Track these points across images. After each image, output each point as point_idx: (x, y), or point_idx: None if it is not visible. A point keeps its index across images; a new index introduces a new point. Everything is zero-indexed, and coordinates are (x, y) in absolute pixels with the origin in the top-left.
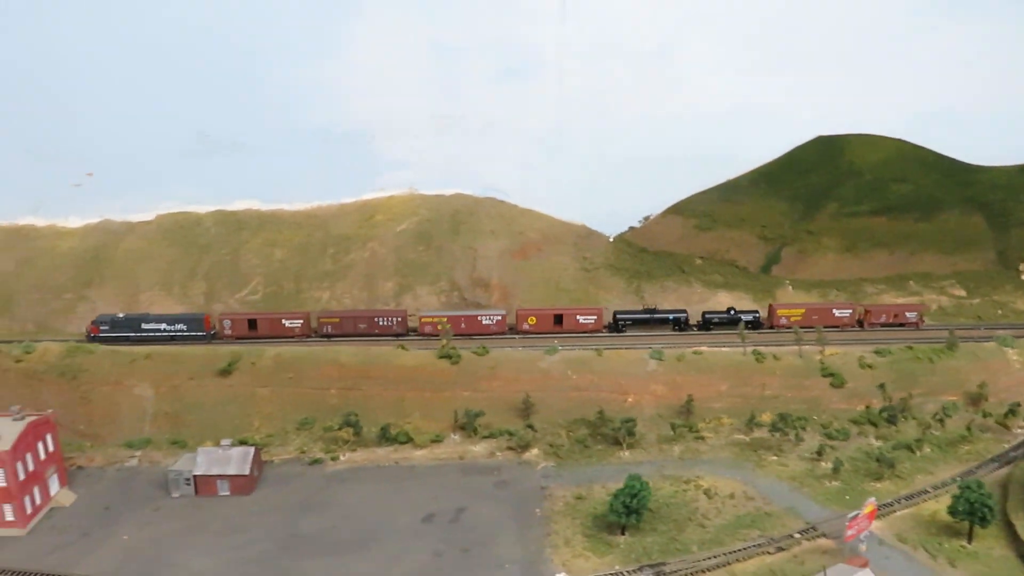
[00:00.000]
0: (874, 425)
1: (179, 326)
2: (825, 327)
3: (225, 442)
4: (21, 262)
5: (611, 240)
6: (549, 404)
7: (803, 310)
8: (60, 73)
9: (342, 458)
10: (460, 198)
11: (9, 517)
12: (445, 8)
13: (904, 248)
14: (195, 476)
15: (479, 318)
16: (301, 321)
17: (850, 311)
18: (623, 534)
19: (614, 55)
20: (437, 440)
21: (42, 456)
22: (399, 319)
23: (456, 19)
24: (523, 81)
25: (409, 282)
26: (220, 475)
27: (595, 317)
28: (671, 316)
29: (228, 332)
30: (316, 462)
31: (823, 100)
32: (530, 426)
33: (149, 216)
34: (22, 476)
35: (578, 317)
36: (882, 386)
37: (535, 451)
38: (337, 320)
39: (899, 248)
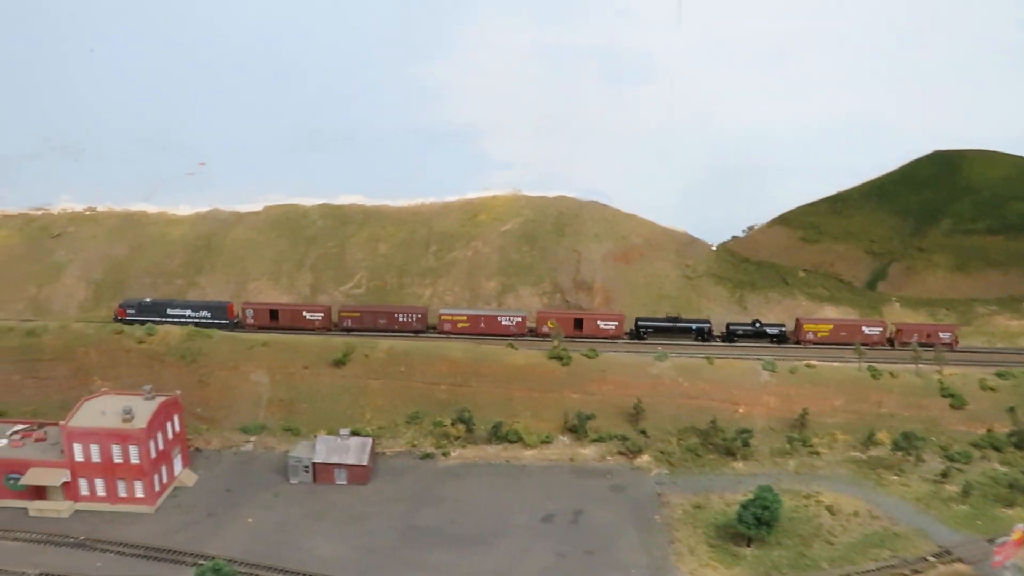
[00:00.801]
0: (997, 449)
1: (203, 313)
2: (854, 344)
3: (344, 431)
4: (134, 248)
5: (714, 248)
6: (659, 410)
7: (831, 326)
8: (176, 65)
9: (453, 454)
10: (563, 200)
11: (139, 494)
12: (557, 11)
13: (1019, 268)
14: (314, 463)
15: (499, 319)
16: (322, 314)
17: (880, 329)
18: (749, 546)
19: (728, 61)
20: (547, 441)
21: (170, 436)
22: (419, 316)
23: (568, 22)
24: (632, 85)
25: (512, 282)
26: (338, 464)
27: (616, 323)
28: (694, 326)
29: (251, 321)
30: (428, 456)
31: (941, 114)
32: (643, 432)
33: (257, 207)
34: (153, 454)
35: (599, 322)
36: (1012, 409)
37: (646, 457)
38: (357, 314)
39: (1014, 268)
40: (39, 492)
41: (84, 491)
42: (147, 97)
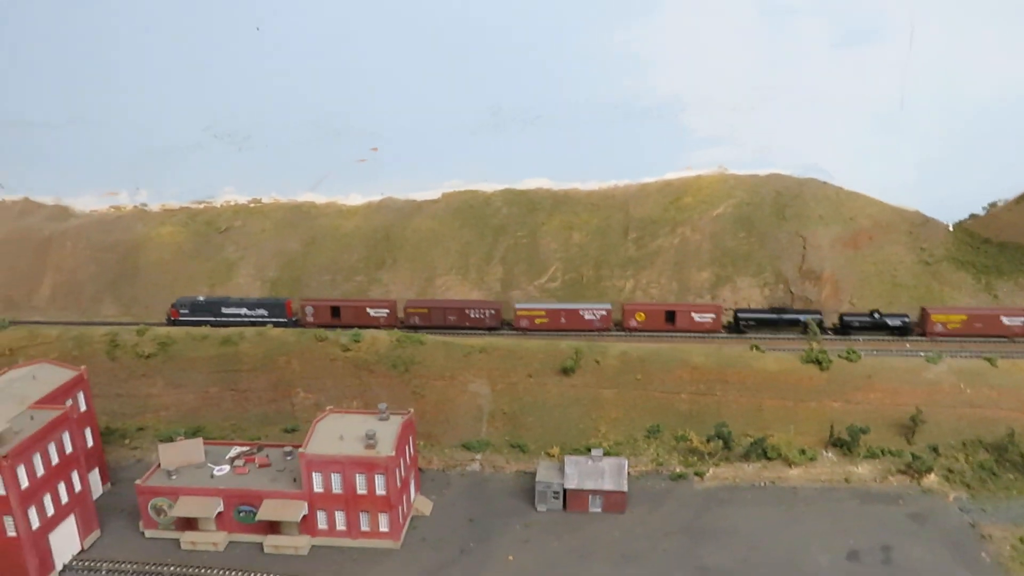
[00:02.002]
0: None
1: (260, 311)
2: (991, 336)
3: (596, 452)
4: (307, 242)
5: (951, 229)
6: (937, 421)
7: (964, 316)
8: (347, 40)
9: (707, 474)
10: (779, 179)
11: (383, 528)
12: None
13: None
14: (565, 489)
15: (581, 313)
16: (387, 310)
17: (1023, 318)
18: None
19: (974, 13)
20: (812, 458)
21: (408, 460)
22: (493, 311)
23: None
24: (863, 46)
25: (728, 273)
26: (593, 490)
27: (713, 315)
28: (802, 318)
29: (310, 319)
30: (679, 477)
31: None
32: (934, 448)
33: (434, 195)
34: (398, 483)
35: (693, 315)
36: None
37: (934, 477)
38: (425, 311)
39: None
40: (272, 526)
41: (322, 525)
42: (317, 77)
